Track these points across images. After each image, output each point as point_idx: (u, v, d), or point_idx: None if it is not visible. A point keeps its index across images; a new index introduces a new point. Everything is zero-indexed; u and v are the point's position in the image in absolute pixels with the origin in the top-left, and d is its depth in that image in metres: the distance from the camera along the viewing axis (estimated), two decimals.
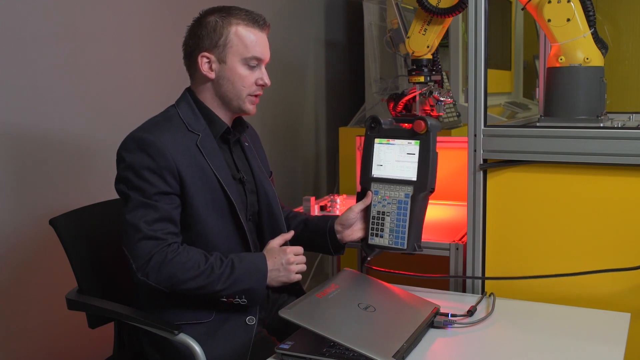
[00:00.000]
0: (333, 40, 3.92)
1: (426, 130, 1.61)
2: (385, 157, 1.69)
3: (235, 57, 1.60)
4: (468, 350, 1.36)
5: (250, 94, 1.63)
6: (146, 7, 2.51)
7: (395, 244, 1.66)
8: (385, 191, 1.68)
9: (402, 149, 1.66)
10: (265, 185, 1.73)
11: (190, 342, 1.48)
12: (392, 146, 1.67)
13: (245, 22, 1.60)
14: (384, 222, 1.68)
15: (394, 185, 1.67)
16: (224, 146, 1.68)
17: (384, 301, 1.49)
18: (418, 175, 1.63)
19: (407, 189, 1.64)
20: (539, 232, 1.75)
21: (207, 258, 1.52)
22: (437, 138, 1.67)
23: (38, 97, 2.10)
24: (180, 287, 1.49)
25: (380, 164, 1.70)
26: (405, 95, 2.23)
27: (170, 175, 1.52)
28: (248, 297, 1.53)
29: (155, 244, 1.48)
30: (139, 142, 1.53)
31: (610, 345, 1.36)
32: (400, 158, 1.66)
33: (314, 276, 3.51)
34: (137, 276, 1.48)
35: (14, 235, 2.06)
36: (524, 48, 3.98)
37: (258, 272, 1.54)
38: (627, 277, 1.67)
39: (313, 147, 3.76)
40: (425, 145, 1.62)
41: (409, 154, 1.65)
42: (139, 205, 1.50)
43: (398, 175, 1.67)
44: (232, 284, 1.50)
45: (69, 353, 2.24)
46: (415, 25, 2.11)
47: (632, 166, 1.63)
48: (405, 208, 1.64)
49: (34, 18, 2.07)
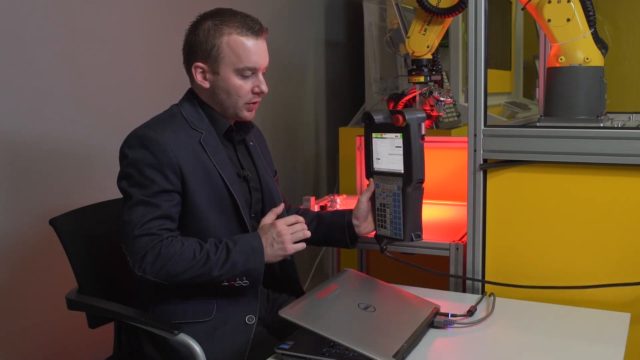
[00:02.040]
0: (333, 40, 3.92)
1: (405, 124, 1.62)
2: (381, 150, 1.72)
3: (228, 68, 1.57)
4: (468, 350, 1.36)
5: (247, 102, 1.61)
6: (146, 8, 2.51)
7: (395, 234, 1.69)
8: (383, 184, 1.71)
9: (392, 142, 1.68)
10: (269, 184, 1.73)
11: (190, 342, 1.48)
12: (385, 140, 1.70)
13: (238, 30, 1.57)
14: (385, 213, 1.71)
15: (389, 177, 1.70)
16: (229, 144, 1.68)
17: (384, 301, 1.49)
18: (405, 167, 1.65)
19: (398, 180, 1.67)
20: (539, 232, 1.75)
21: (202, 246, 1.51)
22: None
23: (38, 97, 2.10)
24: (179, 279, 1.49)
25: (378, 157, 1.72)
26: (405, 95, 2.23)
27: (172, 172, 1.52)
28: (249, 277, 1.52)
29: (150, 240, 1.48)
30: (141, 139, 1.54)
31: (610, 345, 1.36)
32: (391, 151, 1.69)
33: (314, 276, 3.51)
34: (135, 273, 1.49)
35: (14, 235, 2.06)
36: (524, 48, 3.98)
37: (254, 252, 1.52)
38: (627, 277, 1.66)
39: (313, 147, 3.76)
40: (407, 138, 1.63)
41: (396, 147, 1.67)
42: (138, 203, 1.50)
43: (391, 168, 1.69)
44: (231, 268, 1.50)
45: (69, 353, 2.24)
46: (415, 25, 2.11)
47: (632, 166, 1.63)
48: (398, 200, 1.67)
49: (33, 19, 2.07)
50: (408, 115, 1.62)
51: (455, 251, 1.91)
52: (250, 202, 1.67)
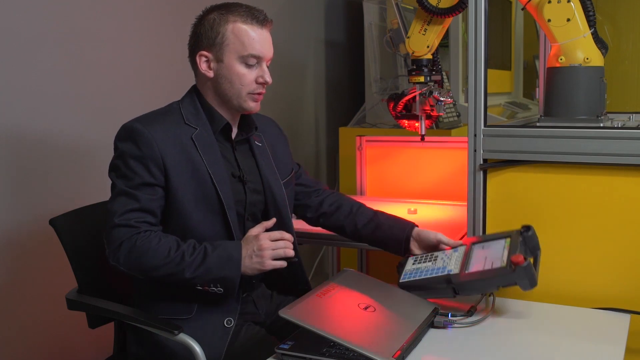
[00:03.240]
0: (333, 40, 3.92)
1: (518, 268, 1.43)
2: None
3: (232, 55, 1.57)
4: (468, 350, 1.36)
5: (251, 92, 1.60)
6: (146, 8, 2.51)
7: (405, 277, 1.59)
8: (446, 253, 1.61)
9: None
10: (273, 187, 1.69)
11: (190, 342, 1.48)
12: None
13: (243, 18, 1.57)
14: (426, 262, 1.61)
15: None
16: (227, 143, 1.66)
17: (384, 301, 1.49)
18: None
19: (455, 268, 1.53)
20: (539, 232, 1.75)
21: (179, 245, 1.51)
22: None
23: (38, 97, 2.10)
24: (152, 274, 1.50)
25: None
26: (405, 95, 2.23)
27: (155, 165, 1.53)
28: (223, 285, 1.51)
29: (128, 231, 1.49)
30: (129, 131, 1.55)
31: (610, 345, 1.36)
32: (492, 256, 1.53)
33: (314, 276, 3.51)
34: (109, 261, 1.51)
35: (14, 235, 2.06)
36: (524, 48, 3.98)
37: (231, 261, 1.50)
38: (627, 277, 1.67)
39: (313, 147, 3.76)
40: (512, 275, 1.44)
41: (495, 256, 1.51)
42: (121, 194, 1.52)
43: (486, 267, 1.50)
44: (205, 273, 1.49)
45: (69, 353, 2.24)
46: (415, 25, 2.11)
47: (632, 166, 1.63)
48: (438, 271, 1.54)
49: (33, 20, 2.07)
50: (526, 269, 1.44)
51: None
52: (244, 204, 1.65)
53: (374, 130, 3.25)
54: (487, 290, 1.46)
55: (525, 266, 1.42)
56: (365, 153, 2.80)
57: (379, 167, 2.79)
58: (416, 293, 1.54)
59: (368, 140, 2.81)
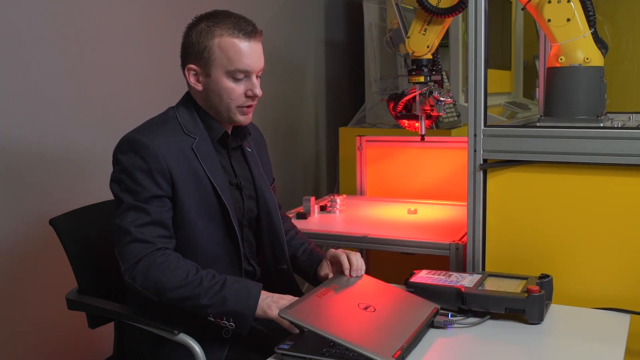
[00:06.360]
0: (333, 40, 3.92)
1: (531, 295, 1.46)
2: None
3: (219, 69, 1.55)
4: (468, 350, 1.36)
5: (240, 105, 1.58)
6: (145, 10, 2.51)
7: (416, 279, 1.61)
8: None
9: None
10: (265, 193, 1.70)
11: (190, 342, 1.48)
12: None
13: (230, 31, 1.54)
14: (440, 275, 1.63)
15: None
16: (223, 151, 1.66)
17: (384, 301, 1.49)
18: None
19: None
20: (539, 232, 1.75)
21: (198, 270, 1.48)
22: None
23: (38, 99, 2.10)
24: (167, 295, 1.46)
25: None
26: (405, 95, 2.23)
27: (162, 177, 1.51)
28: (235, 320, 1.44)
29: (145, 247, 1.46)
30: (132, 144, 1.53)
31: (610, 346, 1.36)
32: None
33: None
34: (125, 279, 1.48)
35: (14, 235, 2.06)
36: (524, 48, 3.98)
37: (250, 298, 1.45)
38: (627, 277, 1.67)
39: (313, 147, 3.76)
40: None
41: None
42: (130, 208, 1.49)
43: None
44: (220, 302, 1.44)
45: (69, 353, 2.24)
46: (415, 25, 2.11)
47: (632, 166, 1.63)
48: (451, 282, 1.59)
49: (33, 21, 2.07)
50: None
51: (455, 251, 1.91)
52: (242, 210, 1.65)
53: (374, 130, 3.25)
54: (495, 308, 1.48)
55: (538, 296, 1.45)
56: (365, 153, 2.80)
57: (379, 167, 2.79)
58: (422, 295, 1.54)
59: (368, 140, 2.81)
